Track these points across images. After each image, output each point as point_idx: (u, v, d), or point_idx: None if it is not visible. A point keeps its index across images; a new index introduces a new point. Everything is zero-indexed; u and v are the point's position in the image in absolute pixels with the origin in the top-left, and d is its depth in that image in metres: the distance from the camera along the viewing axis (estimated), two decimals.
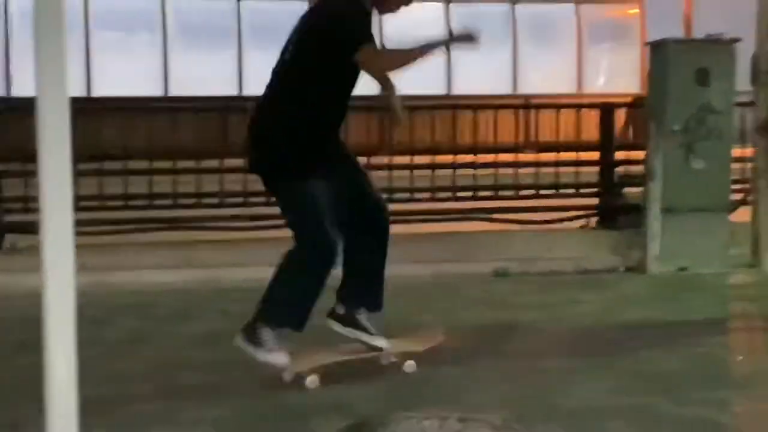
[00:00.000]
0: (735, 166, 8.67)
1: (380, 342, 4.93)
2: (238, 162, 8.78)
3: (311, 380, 4.69)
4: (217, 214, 8.42)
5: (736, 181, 8.78)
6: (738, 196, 8.88)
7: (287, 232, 8.36)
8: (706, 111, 8.23)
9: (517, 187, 9.03)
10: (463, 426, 4.03)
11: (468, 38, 4.76)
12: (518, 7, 18.35)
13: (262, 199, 8.56)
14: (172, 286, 7.22)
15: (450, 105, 11.91)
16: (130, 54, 16.82)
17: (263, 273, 7.70)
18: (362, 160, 8.75)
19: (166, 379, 4.88)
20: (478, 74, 17.78)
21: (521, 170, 9.13)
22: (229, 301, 6.76)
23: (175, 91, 16.33)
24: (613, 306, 6.70)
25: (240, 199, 8.52)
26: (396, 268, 7.80)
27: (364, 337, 4.93)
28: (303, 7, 18.84)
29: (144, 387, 4.72)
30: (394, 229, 8.67)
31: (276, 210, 8.47)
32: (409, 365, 4.90)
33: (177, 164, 8.58)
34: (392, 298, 6.80)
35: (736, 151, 8.69)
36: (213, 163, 8.72)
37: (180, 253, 7.88)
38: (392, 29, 17.59)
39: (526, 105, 14.67)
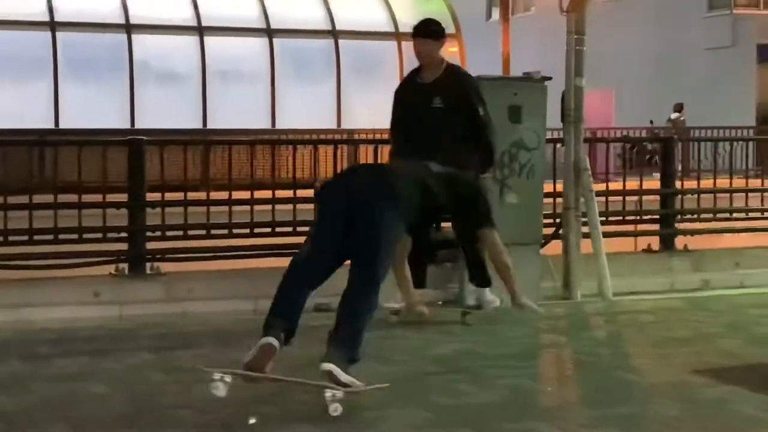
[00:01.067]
0: (546, 200, 8.93)
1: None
2: (49, 197, 8.51)
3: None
4: (26, 252, 8.09)
5: (547, 216, 9.03)
6: (550, 230, 9.13)
7: (101, 270, 8.23)
8: (518, 147, 8.45)
9: None
10: None
11: None
12: (341, 41, 18.49)
13: (74, 235, 8.34)
14: None
15: (269, 140, 11.88)
16: None
17: (75, 312, 7.55)
18: (179, 195, 8.72)
19: None
20: (301, 109, 17.81)
21: None
22: (37, 343, 6.51)
23: None
24: (430, 340, 6.76)
25: (50, 236, 8.22)
26: (217, 305, 7.79)
27: None
28: (117, 39, 18.26)
29: None
30: (213, 265, 8.66)
31: (90, 246, 8.33)
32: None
33: None
34: (217, 336, 6.74)
35: (547, 186, 8.95)
36: (23, 198, 8.39)
37: None
38: (217, 63, 17.54)
39: (346, 140, 14.81)
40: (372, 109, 18.81)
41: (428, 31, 7.18)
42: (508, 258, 7.13)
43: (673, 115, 24.44)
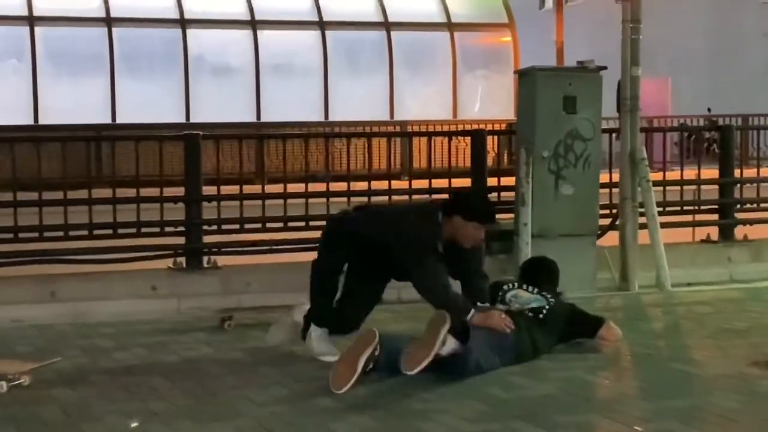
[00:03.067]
0: (602, 191, 8.86)
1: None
2: (107, 192, 8.61)
3: None
4: (86, 246, 8.20)
5: (603, 206, 8.96)
6: (606, 221, 9.05)
7: (159, 263, 8.32)
8: (573, 137, 8.41)
9: None
10: None
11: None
12: (394, 33, 18.47)
13: (132, 230, 8.43)
14: (36, 321, 7.02)
15: (324, 134, 11.90)
16: None
17: (133, 306, 7.64)
18: (235, 189, 8.78)
19: (24, 418, 4.70)
20: (354, 101, 17.84)
21: (395, 197, 9.14)
22: (95, 336, 6.61)
23: (44, 119, 15.91)
24: None
25: (109, 231, 8.32)
26: (273, 298, 7.82)
27: None
28: (172, 34, 18.43)
29: (2, 428, 4.55)
30: (269, 258, 8.70)
31: (147, 240, 8.41)
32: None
33: (43, 195, 8.31)
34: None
35: (603, 177, 8.88)
36: (82, 193, 8.51)
37: (44, 286, 7.66)
38: (270, 56, 17.62)
39: (400, 133, 14.80)
40: (425, 101, 18.81)
41: None
42: None
43: None
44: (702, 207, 10.06)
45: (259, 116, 17.49)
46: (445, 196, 9.20)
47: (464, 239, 5.80)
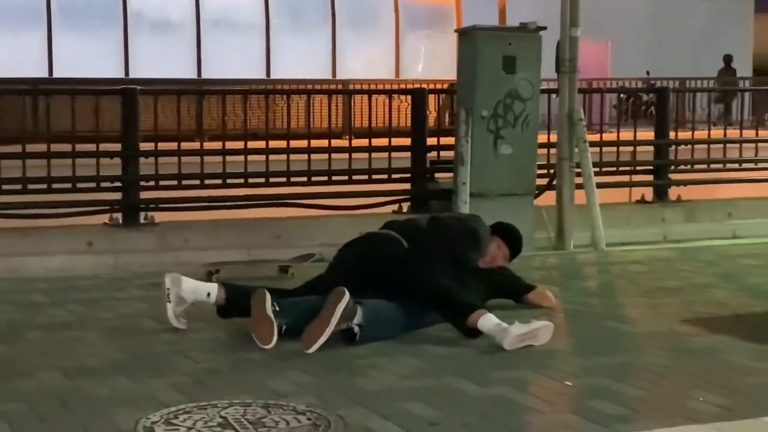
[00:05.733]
0: (540, 151, 8.93)
1: None
2: (42, 147, 8.50)
3: None
4: (19, 201, 8.10)
5: (541, 166, 9.04)
6: (543, 181, 9.15)
7: (95, 219, 8.26)
8: (513, 98, 8.46)
9: (330, 173, 9.05)
10: (267, 412, 4.02)
11: None
12: None
13: (67, 185, 8.35)
14: None
15: (264, 90, 11.83)
16: None
17: (69, 261, 7.57)
18: (173, 145, 8.72)
19: None
20: (295, 59, 17.74)
21: (334, 155, 9.14)
22: (29, 291, 6.54)
23: None
24: None
25: (44, 186, 8.23)
26: (210, 255, 7.80)
27: None
28: None
29: None
30: (204, 215, 8.67)
31: (83, 196, 8.34)
32: None
33: None
34: None
35: (542, 137, 8.95)
36: (16, 147, 8.40)
37: None
38: (211, 12, 17.42)
39: (340, 90, 14.75)
40: (368, 60, 18.75)
41: None
42: None
43: None
44: (637, 168, 10.20)
45: (200, 73, 17.34)
46: (385, 155, 9.25)
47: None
